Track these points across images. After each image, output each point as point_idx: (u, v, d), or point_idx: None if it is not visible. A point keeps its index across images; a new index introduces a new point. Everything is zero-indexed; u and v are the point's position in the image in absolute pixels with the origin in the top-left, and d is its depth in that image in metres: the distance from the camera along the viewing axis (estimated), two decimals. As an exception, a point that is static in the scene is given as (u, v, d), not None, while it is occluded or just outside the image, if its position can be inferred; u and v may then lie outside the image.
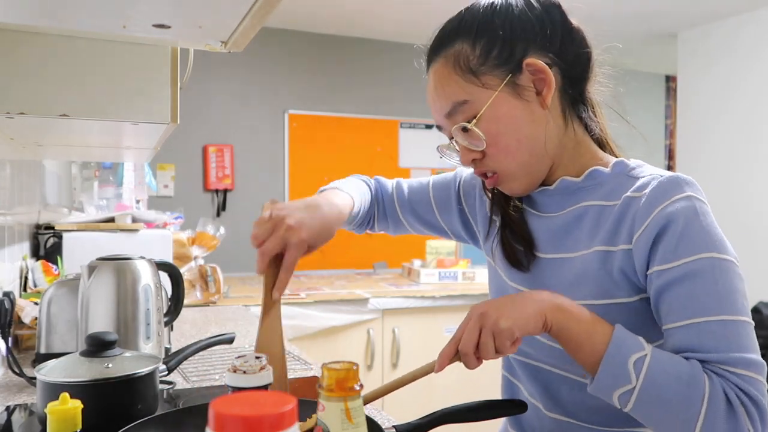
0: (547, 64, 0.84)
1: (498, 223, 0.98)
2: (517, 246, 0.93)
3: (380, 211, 1.15)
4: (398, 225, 1.15)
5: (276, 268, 0.87)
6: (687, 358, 0.74)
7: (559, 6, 0.88)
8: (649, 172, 0.84)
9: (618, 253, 0.82)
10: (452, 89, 0.86)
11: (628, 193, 0.82)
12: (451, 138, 0.90)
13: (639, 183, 0.82)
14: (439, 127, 0.92)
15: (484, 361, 0.77)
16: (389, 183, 1.16)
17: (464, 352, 0.76)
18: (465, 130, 0.85)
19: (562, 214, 0.90)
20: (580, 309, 0.77)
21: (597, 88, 0.91)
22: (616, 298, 0.82)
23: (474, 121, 0.84)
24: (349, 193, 1.02)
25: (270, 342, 0.85)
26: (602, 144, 0.93)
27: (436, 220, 1.11)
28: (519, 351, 0.95)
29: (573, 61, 0.87)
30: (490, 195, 1.00)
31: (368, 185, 1.14)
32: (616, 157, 0.91)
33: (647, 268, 0.79)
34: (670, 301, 0.77)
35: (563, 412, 0.90)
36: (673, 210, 0.77)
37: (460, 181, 1.09)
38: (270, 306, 0.86)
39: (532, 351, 0.92)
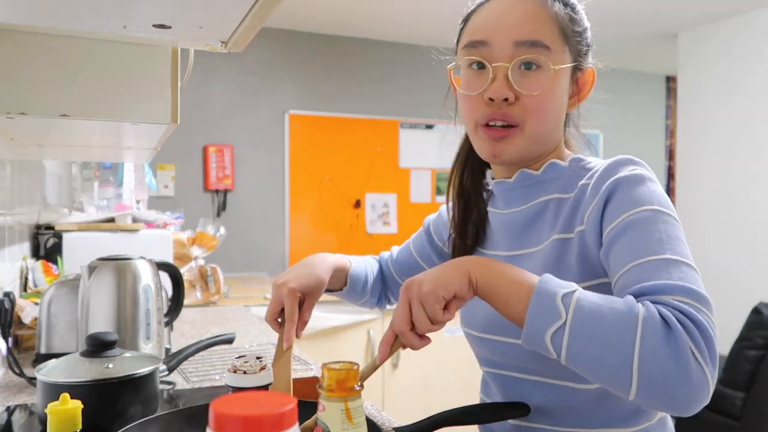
0: None
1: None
2: (463, 239, 0.97)
3: (388, 282, 1.20)
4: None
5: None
6: (622, 296, 0.70)
7: None
8: (604, 162, 0.86)
9: (574, 239, 0.82)
10: (545, 29, 0.84)
11: (582, 181, 0.84)
12: (483, 64, 0.85)
13: (591, 171, 0.85)
14: (479, 43, 0.86)
15: (430, 338, 0.75)
16: (387, 254, 1.22)
17: (399, 331, 0.73)
18: (528, 68, 0.84)
19: (524, 209, 0.91)
20: (506, 265, 0.74)
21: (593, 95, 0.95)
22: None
23: (554, 67, 0.84)
24: (346, 257, 1.10)
25: (277, 389, 0.86)
26: (567, 143, 0.97)
27: (423, 270, 1.13)
28: (488, 362, 0.95)
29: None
30: (456, 188, 1.01)
31: (376, 260, 1.21)
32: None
33: (602, 241, 0.78)
34: (615, 254, 0.75)
35: (532, 419, 0.88)
36: (619, 177, 0.78)
37: (429, 225, 1.14)
38: (280, 356, 0.89)
39: (499, 358, 0.91)
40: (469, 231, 0.99)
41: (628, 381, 0.64)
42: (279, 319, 0.93)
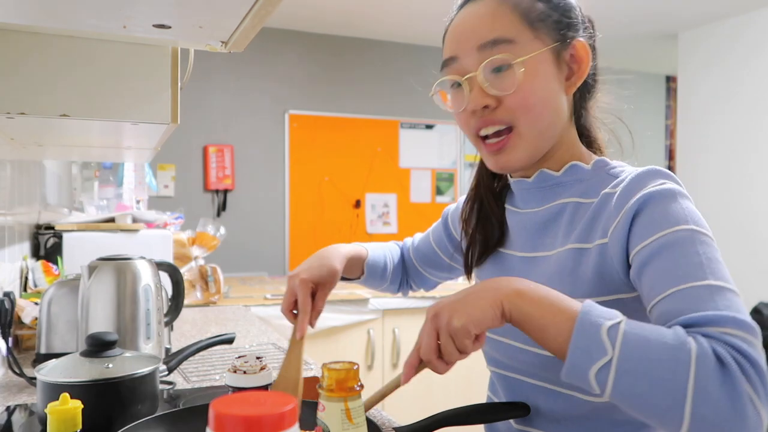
0: None
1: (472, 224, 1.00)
2: (482, 240, 0.96)
3: (408, 268, 1.21)
4: (423, 278, 1.21)
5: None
6: (670, 326, 0.65)
7: (593, 23, 0.91)
8: (629, 170, 0.82)
9: (593, 250, 0.79)
10: (502, 23, 0.82)
11: (606, 190, 0.81)
12: (456, 81, 0.85)
13: (617, 180, 0.81)
14: (448, 61, 0.86)
15: (457, 362, 0.71)
16: (409, 240, 1.22)
17: (426, 359, 0.71)
18: (498, 70, 0.81)
19: (541, 211, 0.89)
20: (541, 289, 0.69)
21: (599, 96, 0.93)
22: (586, 297, 0.77)
23: (517, 60, 0.80)
24: (364, 246, 1.11)
25: (287, 377, 0.87)
26: (591, 145, 0.93)
27: (443, 260, 1.15)
28: (495, 362, 0.94)
29: (590, 71, 0.89)
30: (474, 182, 1.00)
31: (398, 246, 1.22)
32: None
33: (628, 258, 0.75)
34: (651, 275, 0.70)
35: (537, 425, 0.88)
36: (649, 192, 0.74)
37: (447, 216, 1.13)
38: (293, 345, 0.90)
39: (506, 360, 0.90)
40: (489, 231, 0.97)
41: (679, 420, 0.60)
42: (294, 311, 0.94)
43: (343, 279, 1.07)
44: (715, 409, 0.59)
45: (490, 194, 0.98)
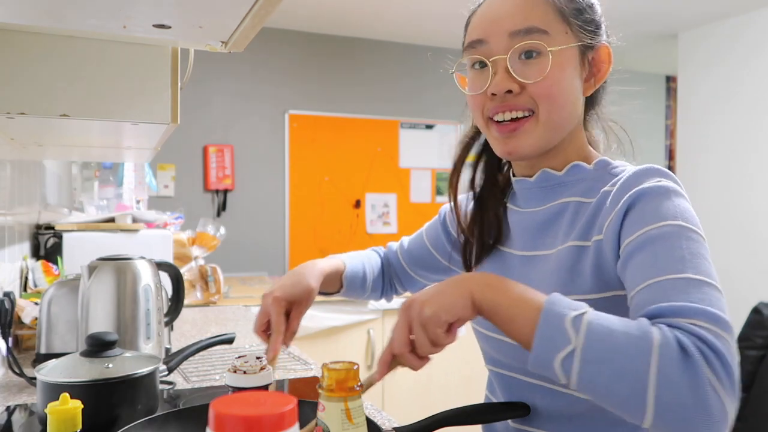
0: None
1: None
2: (480, 238, 0.95)
3: (394, 273, 1.19)
4: (413, 281, 1.19)
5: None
6: (636, 317, 0.66)
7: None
8: (630, 169, 0.83)
9: (591, 247, 0.80)
10: (538, 13, 0.82)
11: (605, 188, 0.82)
12: (482, 61, 0.85)
13: (615, 178, 0.82)
14: (476, 43, 0.85)
15: (431, 357, 0.72)
16: (395, 245, 1.20)
17: (398, 353, 0.71)
18: (529, 56, 0.82)
19: (542, 210, 0.89)
20: (510, 283, 0.70)
21: (604, 96, 0.93)
22: (584, 294, 0.79)
23: (550, 49, 0.81)
24: (341, 258, 1.10)
25: None
26: (594, 146, 0.93)
27: (437, 261, 1.13)
28: (493, 361, 0.94)
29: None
30: (477, 179, 1.00)
31: (377, 253, 1.20)
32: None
33: (619, 252, 0.76)
34: (633, 268, 0.71)
35: (534, 424, 0.88)
36: (643, 188, 0.75)
37: (444, 215, 1.12)
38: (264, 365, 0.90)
39: (505, 359, 0.90)
40: (487, 230, 0.96)
41: (642, 409, 0.61)
42: (268, 331, 0.93)
43: (322, 293, 1.05)
44: (677, 396, 0.59)
45: (489, 192, 0.98)
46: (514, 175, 0.94)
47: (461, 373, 2.99)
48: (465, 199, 1.02)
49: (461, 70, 0.90)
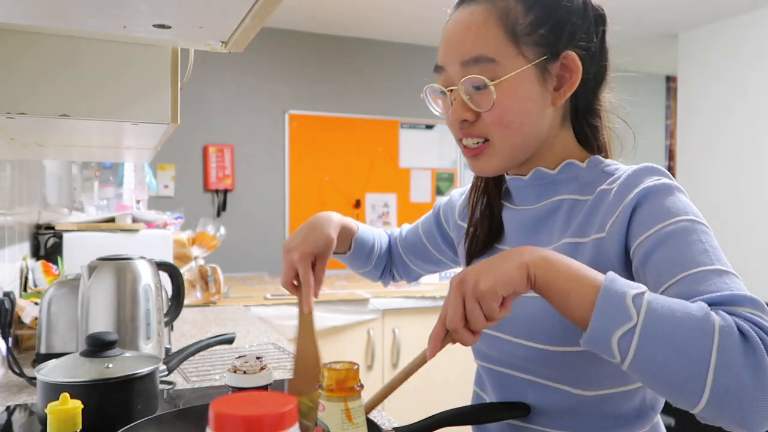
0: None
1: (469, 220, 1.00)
2: (481, 236, 0.96)
3: (393, 257, 1.21)
4: (408, 269, 1.20)
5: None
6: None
7: (604, 18, 0.88)
8: (624, 168, 0.84)
9: (588, 245, 0.80)
10: (486, 41, 0.82)
11: (603, 186, 0.82)
12: (446, 89, 0.86)
13: (613, 177, 0.82)
14: (438, 68, 0.87)
15: (482, 332, 0.71)
16: (396, 230, 1.23)
17: (452, 328, 0.70)
18: (478, 88, 0.82)
19: (536, 208, 0.90)
20: (565, 258, 0.71)
21: (604, 95, 0.92)
22: None
23: (494, 82, 0.81)
24: (354, 221, 1.12)
25: (305, 352, 0.88)
26: (601, 149, 0.93)
27: (431, 253, 1.15)
28: (483, 356, 0.94)
29: (595, 72, 0.88)
30: (477, 181, 1.00)
31: (387, 234, 1.22)
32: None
33: (627, 253, 0.77)
34: (656, 264, 0.72)
35: (526, 419, 0.88)
36: (647, 187, 0.76)
37: (439, 208, 1.13)
38: (302, 320, 0.91)
39: (495, 353, 0.90)
40: (488, 226, 0.97)
41: (700, 391, 0.61)
42: (294, 282, 0.95)
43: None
44: (737, 379, 0.60)
45: (495, 191, 0.98)
46: (507, 174, 0.95)
47: (461, 373, 2.99)
48: (471, 195, 1.03)
49: (434, 92, 0.91)
